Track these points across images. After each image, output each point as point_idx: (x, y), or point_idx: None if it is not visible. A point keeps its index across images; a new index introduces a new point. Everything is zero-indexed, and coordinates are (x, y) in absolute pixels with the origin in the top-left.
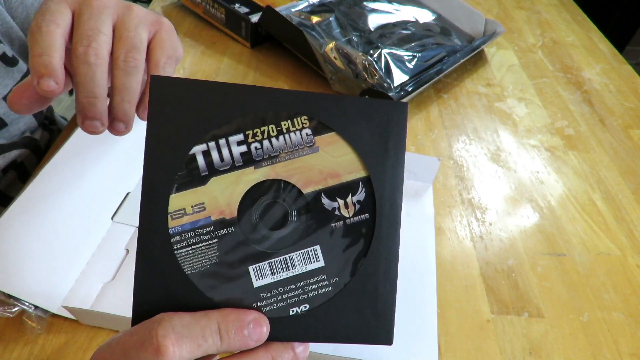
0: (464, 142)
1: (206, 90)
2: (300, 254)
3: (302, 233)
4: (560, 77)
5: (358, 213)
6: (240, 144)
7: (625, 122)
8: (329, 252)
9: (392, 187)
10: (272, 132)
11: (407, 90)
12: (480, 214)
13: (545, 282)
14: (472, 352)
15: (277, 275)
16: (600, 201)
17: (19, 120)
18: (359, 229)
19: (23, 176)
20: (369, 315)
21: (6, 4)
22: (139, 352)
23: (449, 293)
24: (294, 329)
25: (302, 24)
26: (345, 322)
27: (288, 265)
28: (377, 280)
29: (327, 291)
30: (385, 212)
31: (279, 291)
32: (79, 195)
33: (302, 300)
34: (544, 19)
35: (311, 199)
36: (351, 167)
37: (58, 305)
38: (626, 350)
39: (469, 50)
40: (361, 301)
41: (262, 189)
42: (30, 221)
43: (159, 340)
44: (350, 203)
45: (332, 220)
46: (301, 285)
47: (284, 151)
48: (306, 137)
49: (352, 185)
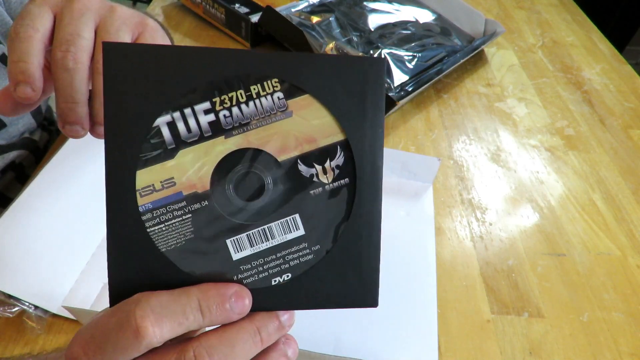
0: (464, 142)
1: (166, 55)
2: (279, 224)
3: (280, 202)
4: (560, 77)
5: (337, 178)
6: (207, 113)
7: (625, 122)
8: (309, 220)
9: (372, 149)
10: (241, 98)
11: (407, 90)
12: (480, 214)
13: (545, 282)
14: (472, 352)
15: (257, 247)
16: (600, 201)
17: (18, 121)
18: (339, 194)
19: (21, 177)
20: (353, 279)
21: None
22: (119, 334)
23: (449, 293)
24: (277, 298)
25: (302, 24)
26: (330, 287)
27: (267, 236)
28: (359, 244)
29: (309, 259)
30: (366, 175)
31: (259, 262)
32: (79, 195)
33: (283, 270)
34: (544, 19)
35: (287, 167)
36: (328, 130)
37: (58, 305)
38: (626, 350)
39: (469, 50)
40: (344, 266)
41: (235, 159)
42: (30, 221)
43: (138, 322)
44: (329, 168)
45: (311, 188)
46: (282, 255)
47: (256, 118)
48: (278, 102)
49: (330, 150)
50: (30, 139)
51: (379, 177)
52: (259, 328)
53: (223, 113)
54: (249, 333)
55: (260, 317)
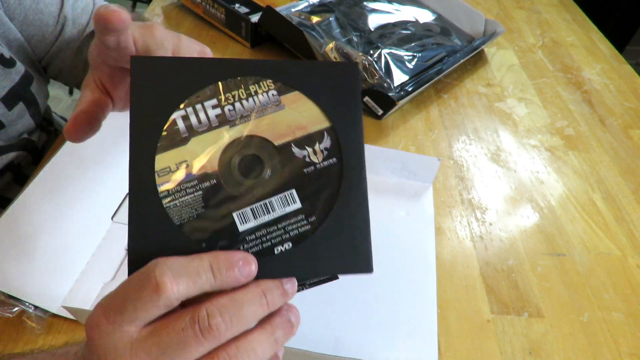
0: (464, 142)
1: (180, 65)
2: (279, 198)
3: (278, 180)
4: (560, 77)
5: (326, 158)
6: (214, 108)
7: (625, 122)
8: (304, 195)
9: (354, 133)
10: (242, 96)
11: (407, 90)
12: (480, 214)
13: (545, 282)
14: (472, 352)
15: (260, 219)
16: (600, 201)
17: (16, 122)
18: (328, 172)
19: (19, 178)
20: (347, 248)
21: (4, 5)
22: (139, 294)
23: (449, 293)
24: (280, 266)
25: (302, 24)
26: (327, 256)
27: (268, 209)
28: (350, 216)
29: (307, 229)
30: (351, 155)
31: (262, 233)
32: (78, 196)
33: (284, 239)
34: (544, 19)
35: (283, 150)
36: (315, 119)
37: (58, 305)
38: (626, 350)
39: (469, 50)
40: (339, 236)
41: (238, 144)
42: (30, 221)
43: (158, 279)
44: (319, 150)
45: (304, 167)
46: (282, 226)
47: (254, 111)
48: (273, 97)
49: (318, 135)
50: (29, 139)
51: (362, 157)
52: (265, 292)
53: (227, 107)
54: (256, 295)
55: (265, 283)
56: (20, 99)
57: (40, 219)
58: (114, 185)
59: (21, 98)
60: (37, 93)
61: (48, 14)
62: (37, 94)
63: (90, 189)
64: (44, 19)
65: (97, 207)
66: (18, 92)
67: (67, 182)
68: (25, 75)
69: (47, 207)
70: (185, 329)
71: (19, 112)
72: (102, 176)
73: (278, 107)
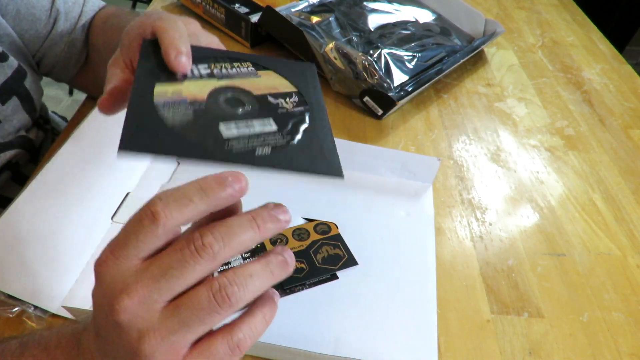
0: (464, 142)
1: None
2: (258, 121)
3: (258, 114)
4: (560, 77)
5: (296, 106)
6: (205, 69)
7: (625, 122)
8: (280, 124)
9: (317, 99)
10: (227, 66)
11: (407, 90)
12: (480, 214)
13: (545, 282)
14: (472, 352)
15: (242, 131)
16: (600, 201)
17: (12, 118)
18: (299, 112)
19: (17, 176)
20: (319, 158)
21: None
22: (138, 227)
23: (449, 293)
24: (262, 162)
25: (302, 24)
26: (302, 159)
27: (249, 126)
28: (319, 138)
29: (283, 143)
30: (316, 106)
31: (244, 140)
32: (78, 196)
33: (264, 145)
34: (544, 19)
35: (260, 98)
36: (286, 86)
37: (58, 305)
38: (626, 350)
39: (469, 50)
40: (311, 149)
41: (224, 89)
42: (30, 221)
43: (152, 209)
44: (289, 101)
45: (278, 109)
46: (262, 138)
47: (237, 76)
48: (251, 70)
49: (288, 93)
50: (27, 137)
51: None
52: (254, 216)
53: (215, 70)
54: (246, 219)
55: (254, 210)
56: (13, 93)
57: (41, 218)
58: (114, 185)
59: (15, 92)
60: (31, 89)
61: (40, 8)
62: (32, 90)
63: (90, 189)
64: (37, 14)
65: (97, 207)
66: (11, 86)
67: (67, 182)
68: (18, 70)
69: (47, 207)
70: (182, 249)
71: (14, 107)
72: (102, 176)
73: (256, 76)
